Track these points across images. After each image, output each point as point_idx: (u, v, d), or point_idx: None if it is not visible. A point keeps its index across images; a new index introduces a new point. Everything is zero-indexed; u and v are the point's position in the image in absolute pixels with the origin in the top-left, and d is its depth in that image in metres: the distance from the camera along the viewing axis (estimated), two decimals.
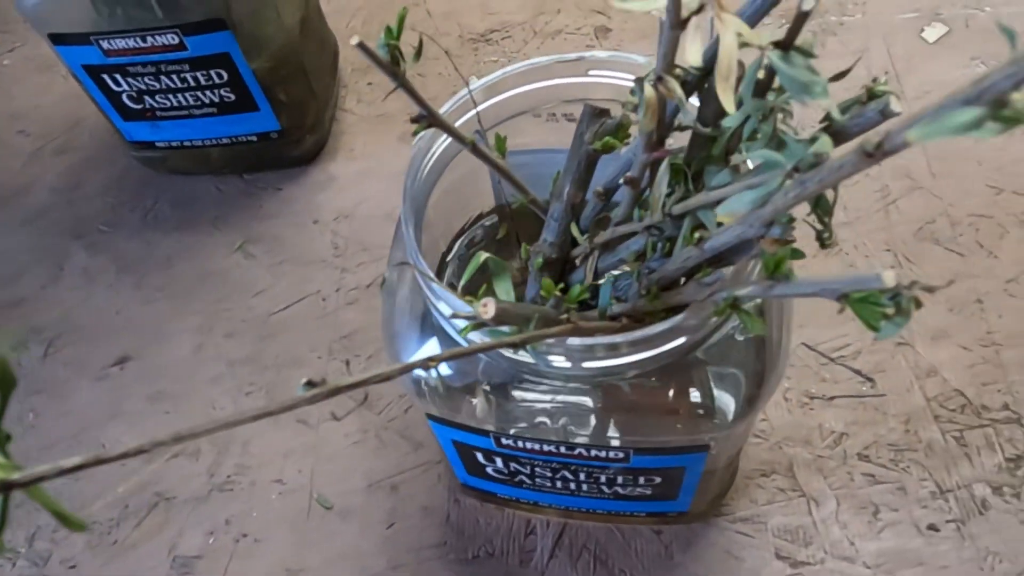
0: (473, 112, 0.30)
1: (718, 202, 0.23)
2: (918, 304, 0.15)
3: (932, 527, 0.38)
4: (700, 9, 0.16)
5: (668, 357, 0.24)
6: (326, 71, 0.55)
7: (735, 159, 0.24)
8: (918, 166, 0.49)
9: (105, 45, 0.44)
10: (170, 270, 0.51)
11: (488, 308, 0.20)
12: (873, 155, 0.13)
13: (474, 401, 0.28)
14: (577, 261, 0.33)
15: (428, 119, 0.26)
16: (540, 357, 0.23)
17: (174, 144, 0.51)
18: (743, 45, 0.16)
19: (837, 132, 0.20)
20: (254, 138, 0.51)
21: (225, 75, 0.46)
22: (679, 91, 0.18)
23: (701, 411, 0.26)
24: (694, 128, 0.20)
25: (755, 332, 0.21)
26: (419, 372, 0.28)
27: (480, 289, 0.26)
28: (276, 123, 0.50)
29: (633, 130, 0.30)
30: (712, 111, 0.22)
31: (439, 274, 0.37)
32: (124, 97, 0.48)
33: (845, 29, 0.57)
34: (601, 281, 0.33)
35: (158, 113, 0.49)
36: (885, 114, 0.19)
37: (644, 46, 0.58)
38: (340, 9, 0.63)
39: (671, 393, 0.26)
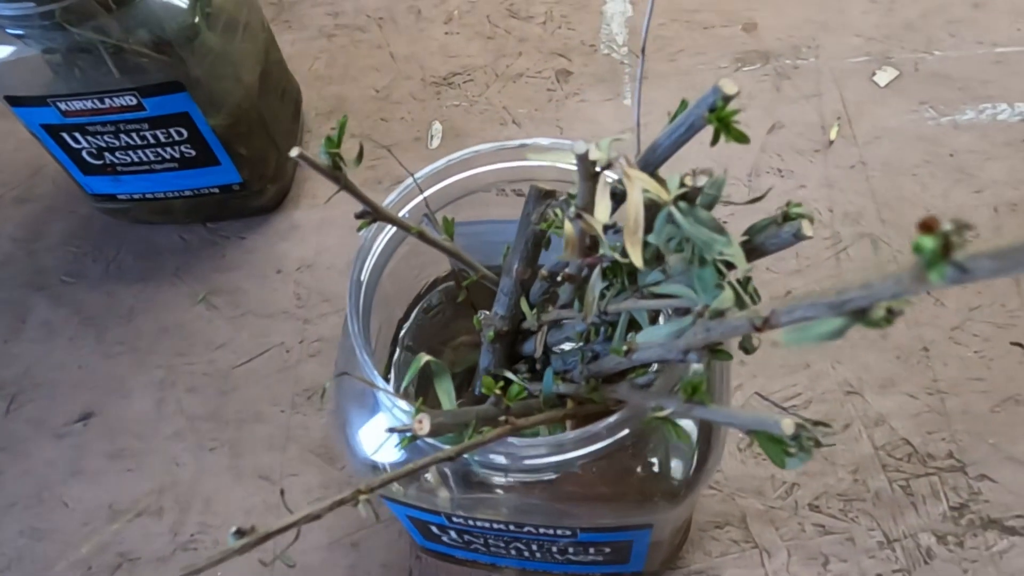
0: (420, 198, 0.30)
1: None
2: (818, 444, 0.16)
3: None
4: (608, 165, 0.17)
5: (607, 450, 0.25)
6: (287, 119, 0.55)
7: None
8: (867, 213, 0.51)
9: (63, 107, 0.44)
10: (132, 323, 0.51)
11: (423, 424, 0.20)
12: (760, 328, 0.14)
13: (427, 487, 0.29)
14: (526, 330, 0.34)
15: (372, 215, 0.27)
16: (482, 458, 0.23)
17: (136, 196, 0.51)
18: (650, 202, 0.17)
19: (753, 249, 0.21)
20: (216, 190, 0.51)
21: (185, 133, 0.46)
22: (597, 227, 0.19)
23: (641, 496, 0.27)
24: (614, 257, 0.20)
25: (682, 442, 0.22)
26: (376, 459, 0.29)
27: (410, 378, 0.26)
28: (237, 176, 0.50)
29: None
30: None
31: (394, 341, 0.38)
32: (84, 153, 0.48)
33: (799, 73, 0.58)
34: (553, 351, 0.34)
35: (119, 168, 0.49)
36: (798, 236, 0.20)
37: (603, 89, 0.59)
38: (302, 53, 0.63)
39: (611, 480, 0.27)
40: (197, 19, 0.43)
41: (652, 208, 0.18)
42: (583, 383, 0.27)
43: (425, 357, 0.25)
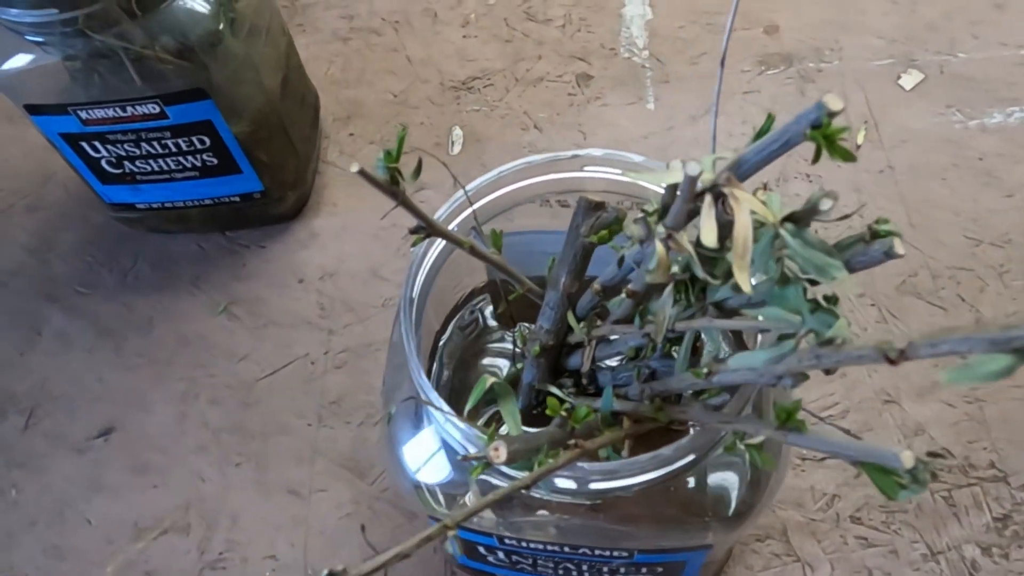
0: (470, 211, 0.29)
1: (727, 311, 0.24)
2: (934, 477, 0.16)
3: None
4: (714, 187, 0.16)
5: (675, 473, 0.24)
6: (307, 125, 0.54)
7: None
8: (897, 217, 0.50)
9: (83, 115, 0.43)
10: (151, 334, 0.50)
11: (500, 452, 0.20)
12: (895, 362, 0.13)
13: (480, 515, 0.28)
14: (572, 344, 0.33)
15: (427, 230, 0.26)
16: (548, 484, 0.23)
17: (155, 206, 0.50)
18: (759, 224, 0.16)
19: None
20: (236, 198, 0.50)
21: (207, 141, 0.45)
22: (689, 247, 0.18)
23: (704, 517, 0.26)
24: (704, 278, 0.20)
25: (766, 467, 0.21)
26: (422, 479, 0.28)
27: (480, 406, 0.25)
28: (259, 184, 0.49)
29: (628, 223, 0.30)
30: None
31: (432, 353, 0.37)
32: (103, 163, 0.47)
33: (823, 76, 0.57)
34: (600, 366, 0.33)
35: (138, 177, 0.48)
36: (889, 255, 0.19)
37: (624, 93, 0.58)
38: (316, 56, 0.62)
39: (674, 502, 0.26)
40: (221, 25, 0.42)
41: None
42: (646, 402, 0.26)
43: (490, 380, 0.24)
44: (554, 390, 0.33)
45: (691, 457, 0.24)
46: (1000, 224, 0.49)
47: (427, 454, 0.30)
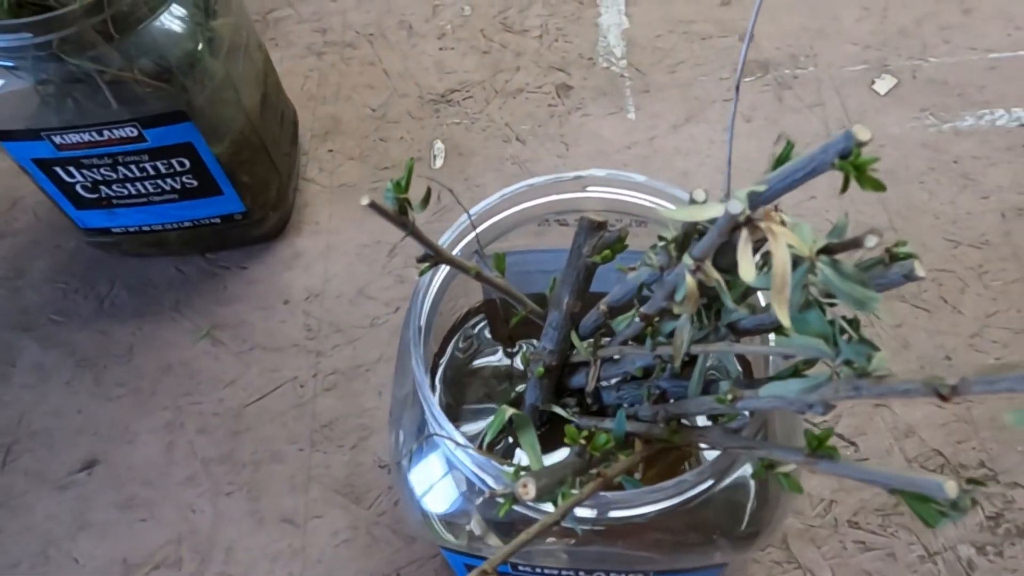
0: (473, 234, 0.29)
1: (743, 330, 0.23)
2: (974, 503, 0.16)
3: None
4: (749, 221, 0.16)
5: (695, 498, 0.24)
6: (286, 142, 0.53)
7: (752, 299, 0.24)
8: (879, 222, 0.51)
9: (58, 140, 0.42)
10: (132, 362, 0.49)
11: (528, 489, 0.19)
12: (946, 398, 0.13)
13: (475, 536, 0.28)
14: (575, 363, 0.33)
15: (435, 258, 0.26)
16: (572, 520, 0.22)
17: (131, 229, 0.49)
18: (796, 259, 0.16)
19: None
20: (217, 220, 0.49)
21: (187, 163, 0.44)
22: (719, 278, 0.18)
23: (720, 537, 0.26)
24: (732, 308, 0.20)
25: (795, 492, 0.21)
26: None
27: (494, 433, 0.25)
28: (240, 204, 0.48)
29: (636, 238, 0.30)
30: (728, 261, 0.22)
31: (431, 375, 0.37)
32: (78, 187, 0.45)
33: (799, 82, 0.58)
34: (604, 385, 0.33)
35: (115, 201, 0.46)
36: (909, 277, 0.19)
37: (605, 103, 0.58)
38: (291, 72, 0.61)
39: (691, 524, 0.26)
40: (200, 45, 0.41)
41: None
42: (661, 425, 0.26)
43: (509, 411, 0.24)
44: (559, 410, 0.33)
45: (711, 482, 0.23)
46: (978, 226, 0.50)
47: (433, 481, 0.30)
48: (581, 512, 0.24)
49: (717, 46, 0.61)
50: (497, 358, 0.36)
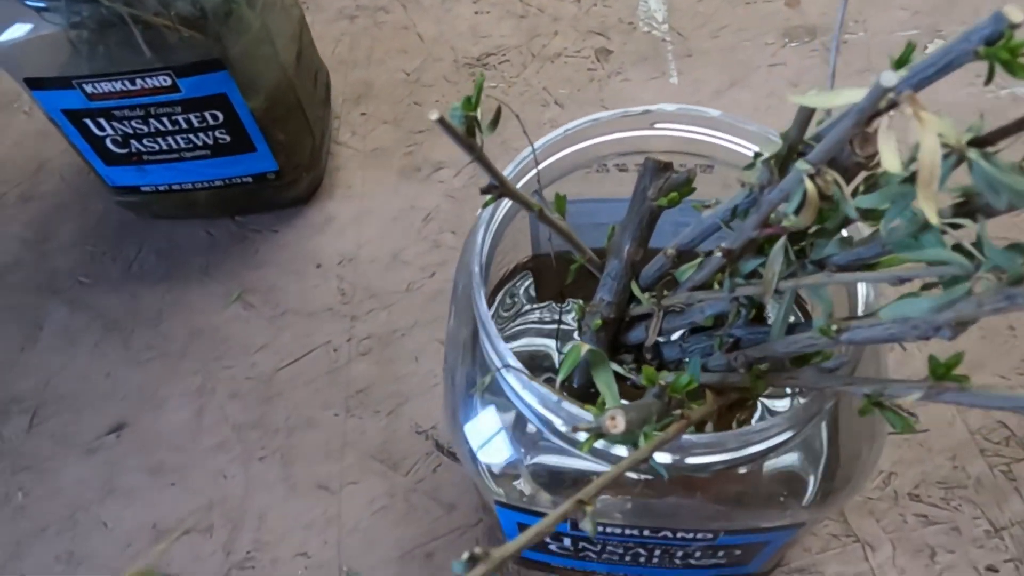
0: (533, 172, 0.27)
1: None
2: None
3: (991, 568, 0.37)
4: (891, 107, 0.14)
5: (780, 445, 0.22)
6: (320, 103, 0.52)
7: (848, 230, 0.23)
8: None
9: (89, 89, 0.40)
10: (161, 326, 0.48)
11: (617, 421, 0.18)
12: None
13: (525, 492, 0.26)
14: (633, 316, 0.32)
15: (500, 189, 0.24)
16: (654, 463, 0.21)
17: (161, 188, 0.48)
18: (946, 148, 0.15)
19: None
20: (249, 179, 0.47)
21: (221, 116, 0.43)
22: (842, 183, 0.16)
23: (798, 495, 0.25)
24: (856, 219, 0.18)
25: (906, 432, 0.19)
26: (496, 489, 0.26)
27: (568, 370, 0.23)
28: (274, 163, 0.47)
29: (700, 185, 0.29)
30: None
31: (476, 332, 0.35)
32: (108, 142, 0.44)
33: (848, 48, 0.56)
34: (664, 341, 0.31)
35: (145, 157, 0.45)
36: None
37: (646, 68, 0.56)
38: (322, 35, 0.60)
39: (769, 478, 0.24)
40: None
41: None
42: (741, 371, 0.24)
43: (585, 347, 0.22)
44: (616, 367, 0.31)
45: (799, 427, 0.22)
46: None
47: (489, 434, 0.28)
48: (659, 457, 0.22)
49: (761, 10, 0.59)
50: (545, 317, 0.35)
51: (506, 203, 0.27)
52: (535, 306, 0.36)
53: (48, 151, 0.55)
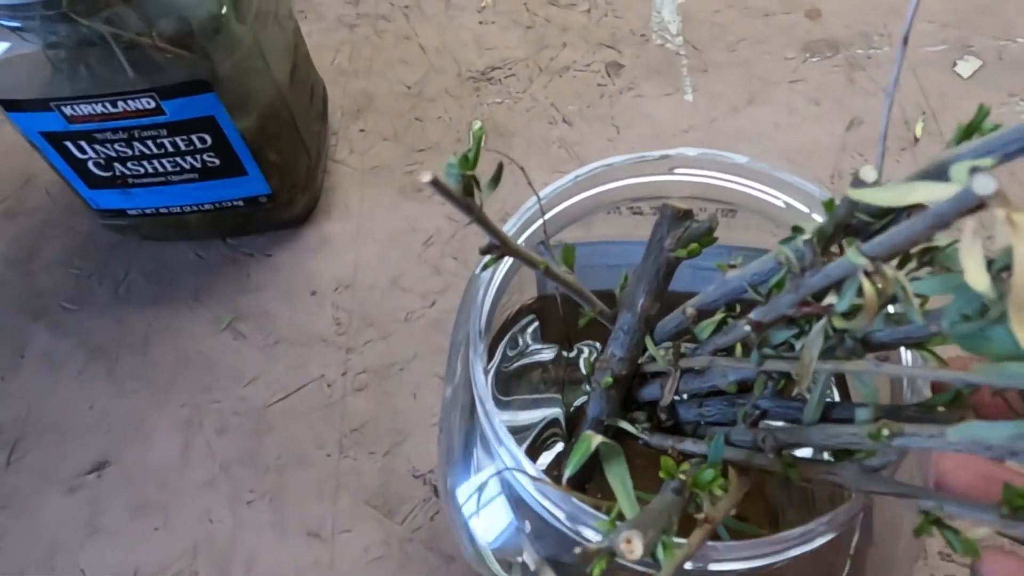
0: (539, 223, 0.25)
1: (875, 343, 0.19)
2: None
3: None
4: (980, 207, 0.12)
5: (819, 548, 0.20)
6: (316, 119, 0.49)
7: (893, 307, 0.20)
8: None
9: (68, 111, 0.38)
10: (148, 354, 0.45)
11: (633, 546, 0.15)
12: None
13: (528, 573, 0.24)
14: (647, 373, 0.29)
15: (501, 249, 0.21)
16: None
17: (148, 212, 0.45)
18: None
19: None
20: (240, 203, 0.45)
21: (209, 139, 0.40)
22: (905, 282, 0.14)
23: None
24: (917, 321, 0.15)
25: (972, 556, 0.17)
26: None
27: (576, 466, 0.21)
28: (266, 186, 0.44)
29: (722, 231, 0.26)
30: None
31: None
32: (90, 164, 0.41)
33: (873, 64, 0.53)
34: (681, 400, 0.29)
35: (130, 180, 0.43)
36: None
37: (659, 82, 0.53)
38: (320, 45, 0.57)
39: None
40: (225, 8, 0.37)
41: None
42: (769, 455, 0.21)
43: (597, 438, 0.20)
44: (627, 426, 0.29)
45: (838, 531, 0.19)
46: None
47: (486, 508, 0.26)
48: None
49: (781, 23, 0.56)
50: (552, 363, 0.32)
51: (508, 260, 0.25)
52: (541, 350, 0.34)
53: (35, 165, 0.53)
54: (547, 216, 0.25)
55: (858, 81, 0.52)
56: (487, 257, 0.22)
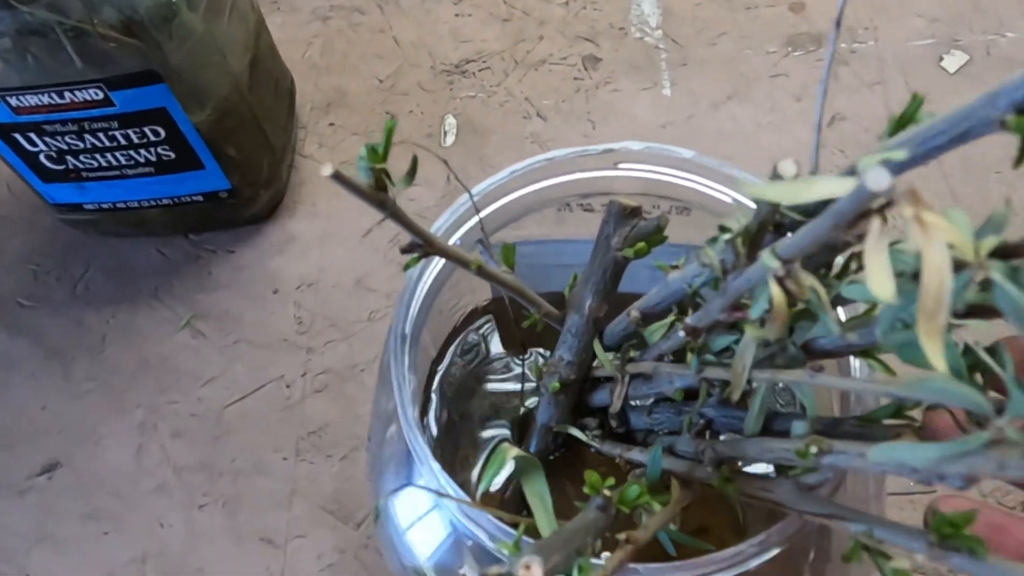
0: (475, 220, 0.23)
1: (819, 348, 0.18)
2: None
3: None
4: (886, 206, 0.10)
5: (750, 570, 0.18)
6: (281, 114, 0.48)
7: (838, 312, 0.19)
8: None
9: (13, 102, 0.37)
10: (104, 354, 0.44)
11: (532, 572, 0.14)
12: None
13: None
14: (598, 378, 0.28)
15: (424, 247, 0.20)
16: None
17: (105, 206, 0.44)
18: (957, 263, 0.11)
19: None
20: (200, 198, 0.44)
21: (162, 132, 0.39)
22: (820, 289, 0.12)
23: None
24: (835, 330, 0.14)
25: None
26: None
27: (490, 480, 0.20)
28: (225, 181, 0.43)
29: (675, 229, 0.25)
30: (815, 264, 0.17)
31: (427, 386, 0.31)
32: (41, 157, 0.40)
33: (858, 58, 0.52)
34: (634, 406, 0.27)
35: (84, 174, 0.41)
36: None
37: (638, 77, 0.52)
38: (292, 37, 0.56)
39: None
40: None
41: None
42: (708, 467, 0.20)
43: (513, 451, 0.18)
44: (577, 432, 0.27)
45: (775, 551, 0.18)
46: None
47: (414, 512, 0.24)
48: None
49: (764, 16, 0.54)
50: (506, 368, 0.31)
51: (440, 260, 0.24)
52: (496, 356, 0.32)
53: None
54: (485, 213, 0.24)
55: (841, 77, 0.51)
56: (410, 257, 0.20)
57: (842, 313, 0.20)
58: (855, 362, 0.20)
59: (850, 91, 0.50)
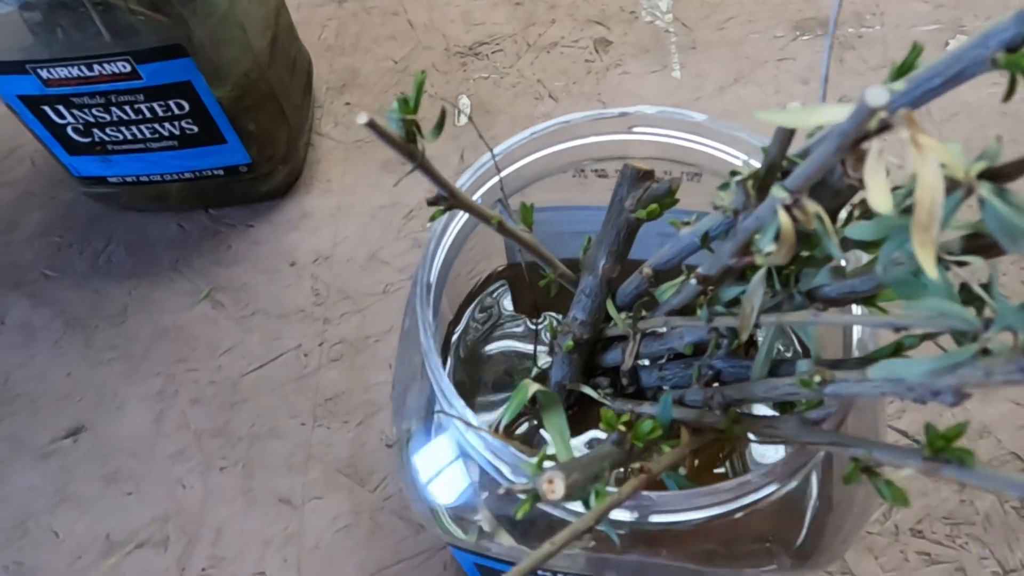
0: (496, 179, 0.25)
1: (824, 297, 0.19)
2: None
3: None
4: (884, 129, 0.11)
5: (755, 503, 0.19)
6: (298, 92, 0.49)
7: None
8: None
9: (44, 74, 0.38)
10: (125, 324, 0.45)
11: (555, 486, 0.15)
12: None
13: (484, 534, 0.23)
14: (610, 337, 0.29)
15: (449, 200, 0.21)
16: (607, 524, 0.18)
17: (129, 180, 0.45)
18: (950, 183, 0.12)
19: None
20: (220, 172, 0.45)
21: (186, 105, 0.40)
22: (824, 216, 0.13)
23: (778, 551, 0.22)
24: (838, 257, 0.15)
25: (899, 504, 0.17)
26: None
27: (513, 413, 0.21)
28: (245, 155, 0.44)
29: (686, 195, 0.26)
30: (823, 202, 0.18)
31: (445, 347, 0.32)
32: (69, 130, 0.41)
33: (864, 43, 0.52)
34: (644, 364, 0.28)
35: (109, 147, 0.42)
36: None
37: (647, 60, 0.53)
38: (308, 19, 0.57)
39: (745, 532, 0.21)
40: None
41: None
42: (716, 412, 0.21)
43: (533, 386, 0.20)
44: (589, 391, 0.28)
45: (778, 484, 0.19)
46: None
47: (440, 468, 0.25)
48: (617, 515, 0.20)
49: (771, 2, 0.55)
50: (520, 331, 0.32)
51: (462, 214, 0.25)
52: (511, 319, 0.33)
53: (20, 136, 0.53)
54: (505, 172, 0.25)
55: (847, 61, 0.52)
56: (436, 209, 0.22)
57: (842, 262, 0.21)
58: (857, 310, 0.21)
59: (856, 75, 0.51)
